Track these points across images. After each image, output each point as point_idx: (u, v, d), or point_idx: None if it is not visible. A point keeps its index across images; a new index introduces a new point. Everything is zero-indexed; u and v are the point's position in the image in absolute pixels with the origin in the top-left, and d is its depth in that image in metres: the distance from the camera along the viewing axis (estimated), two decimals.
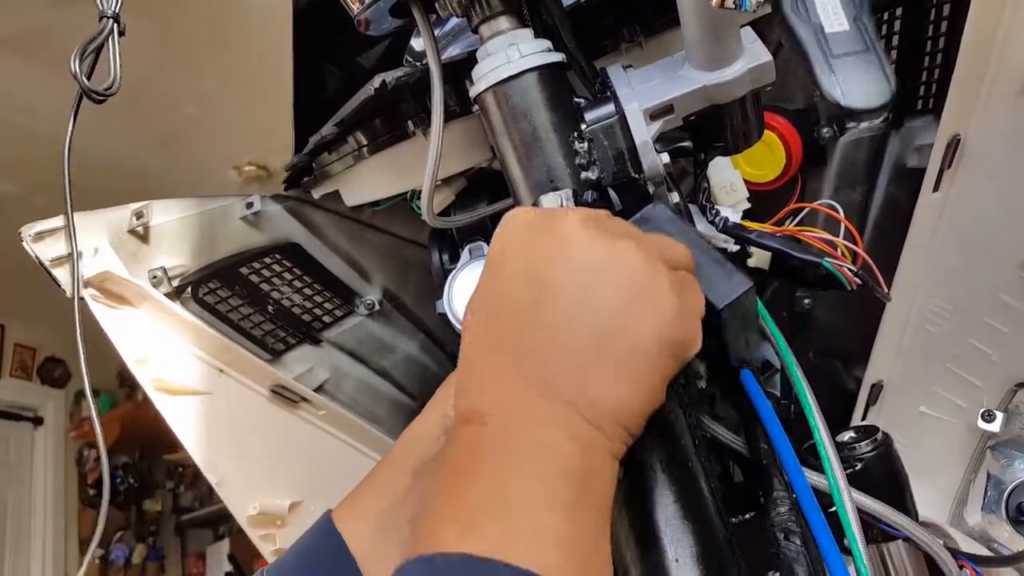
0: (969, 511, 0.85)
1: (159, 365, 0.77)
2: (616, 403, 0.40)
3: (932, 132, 0.73)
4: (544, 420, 0.39)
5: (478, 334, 0.45)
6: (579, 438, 0.39)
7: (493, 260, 0.46)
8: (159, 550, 3.95)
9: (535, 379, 0.40)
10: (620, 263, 0.42)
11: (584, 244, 0.42)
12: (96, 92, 0.61)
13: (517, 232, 0.45)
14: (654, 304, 0.41)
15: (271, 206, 0.87)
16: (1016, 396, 0.79)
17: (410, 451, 0.60)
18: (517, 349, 0.42)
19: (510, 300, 0.43)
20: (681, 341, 0.42)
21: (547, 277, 0.42)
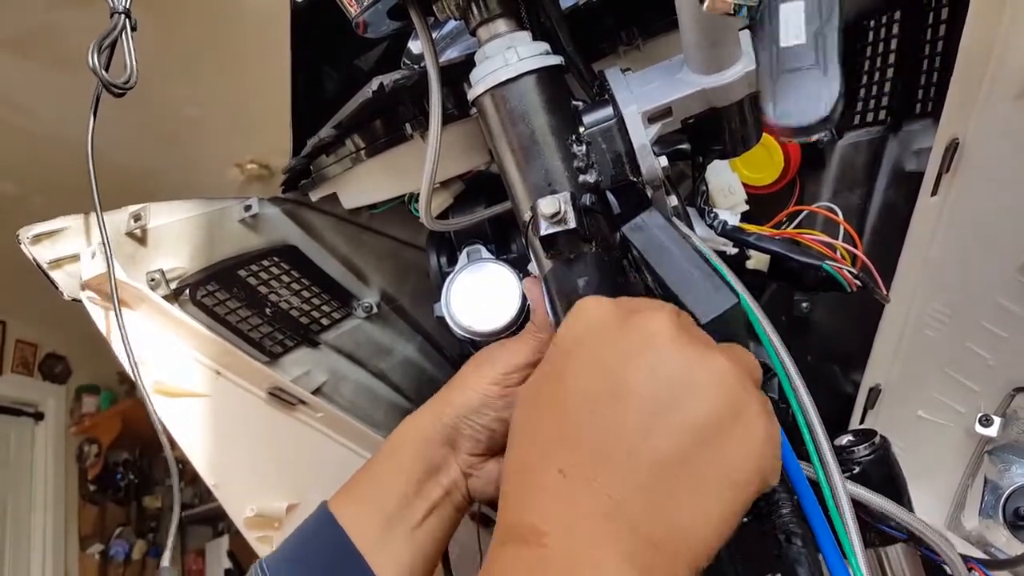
0: (966, 515, 0.85)
1: (157, 367, 0.77)
2: (690, 531, 0.36)
3: (930, 136, 0.73)
4: (609, 547, 0.35)
5: (536, 429, 0.40)
6: (644, 567, 0.35)
7: (562, 347, 0.42)
8: (159, 546, 3.95)
9: (603, 495, 0.36)
10: (715, 376, 0.38)
11: (674, 347, 0.38)
12: (115, 85, 0.62)
13: (593, 321, 0.41)
14: (747, 428, 0.37)
15: (269, 209, 0.87)
16: (1014, 401, 0.79)
17: (412, 454, 0.60)
18: (586, 454, 0.37)
19: (581, 397, 0.38)
20: (768, 470, 0.39)
21: (628, 376, 0.38)
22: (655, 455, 0.36)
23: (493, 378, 0.59)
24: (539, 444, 0.39)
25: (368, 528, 0.57)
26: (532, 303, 0.62)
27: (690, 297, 0.45)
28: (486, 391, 0.59)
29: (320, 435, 0.91)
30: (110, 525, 3.85)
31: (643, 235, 0.50)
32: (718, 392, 0.37)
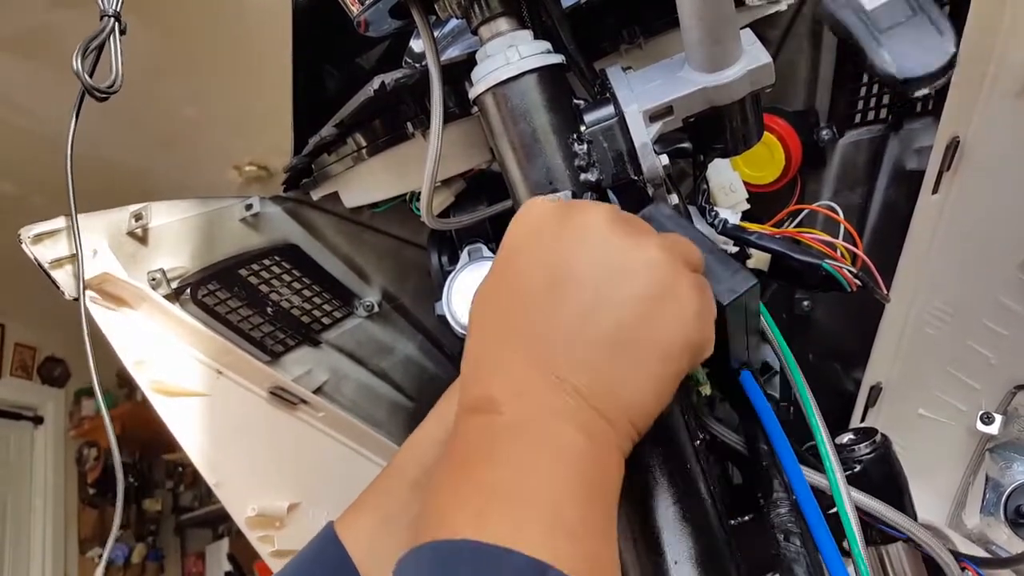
0: (968, 513, 0.85)
1: (158, 367, 0.77)
2: (630, 400, 0.40)
3: (931, 134, 0.73)
4: (558, 412, 0.39)
5: (489, 321, 0.44)
6: (591, 432, 0.38)
7: (507, 248, 0.45)
8: (159, 550, 3.95)
9: (550, 370, 0.39)
10: (644, 259, 0.41)
11: (607, 236, 0.42)
12: (98, 90, 0.61)
13: (535, 220, 0.44)
14: (677, 304, 0.41)
15: (270, 208, 0.87)
16: (1015, 399, 0.79)
17: (410, 459, 0.60)
18: (532, 338, 0.41)
19: (525, 288, 0.42)
20: (699, 342, 0.42)
21: (566, 266, 0.41)
22: (595, 334, 0.40)
23: None
24: (491, 335, 0.43)
25: (363, 536, 0.57)
26: None
27: (709, 280, 0.45)
28: None
29: (321, 434, 0.91)
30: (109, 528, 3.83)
31: (652, 225, 0.50)
32: (650, 273, 0.41)
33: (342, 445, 0.93)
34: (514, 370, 0.40)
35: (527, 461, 0.37)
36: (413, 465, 0.60)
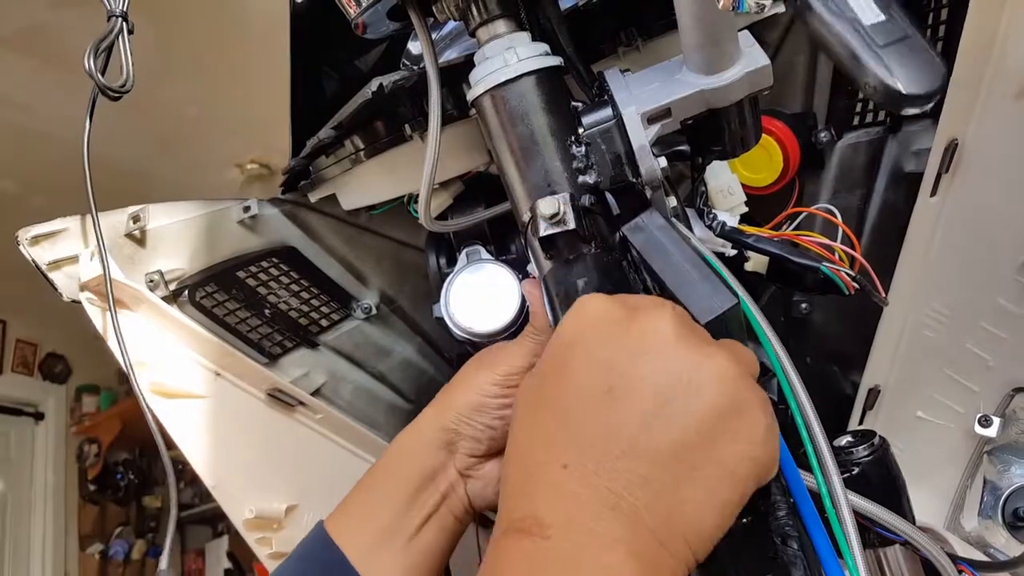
0: (966, 516, 0.85)
1: (156, 368, 0.77)
2: (690, 523, 0.37)
3: (930, 136, 0.73)
4: (614, 539, 0.35)
5: (538, 425, 0.40)
6: (646, 558, 0.35)
7: (563, 344, 0.42)
8: (158, 546, 3.95)
9: (604, 488, 0.36)
10: (713, 372, 0.38)
11: (675, 344, 0.39)
12: (111, 89, 0.61)
13: (595, 318, 0.41)
14: (747, 423, 0.38)
15: (268, 210, 0.87)
16: (1013, 401, 0.79)
17: (407, 461, 0.60)
18: (587, 448, 0.37)
19: (583, 393, 0.39)
20: (766, 463, 0.39)
21: (630, 372, 0.38)
22: (656, 449, 0.37)
23: (493, 379, 0.59)
24: (541, 439, 0.40)
25: (362, 542, 0.56)
26: (531, 305, 0.62)
27: (689, 298, 0.45)
28: (486, 392, 0.59)
29: (319, 436, 0.91)
30: (110, 525, 3.85)
31: (642, 235, 0.50)
32: (719, 388, 0.38)
33: (340, 447, 0.93)
34: (565, 485, 0.37)
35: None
36: (409, 471, 0.59)
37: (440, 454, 0.60)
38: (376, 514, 0.57)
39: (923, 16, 0.73)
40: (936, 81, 0.39)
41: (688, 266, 0.47)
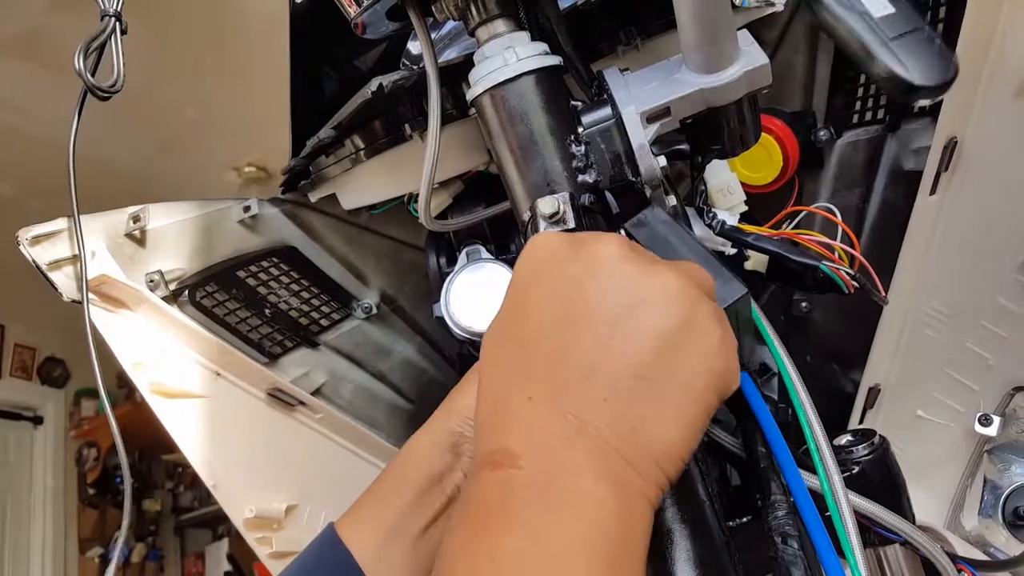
0: (966, 515, 0.85)
1: (156, 368, 0.77)
2: (656, 440, 0.37)
3: (929, 135, 0.73)
4: (582, 464, 0.36)
5: (502, 362, 0.41)
6: (616, 481, 0.36)
7: (518, 283, 0.43)
8: (158, 550, 3.95)
9: (571, 414, 0.37)
10: (660, 289, 0.39)
11: (620, 267, 0.40)
12: (101, 89, 0.61)
13: (544, 254, 0.42)
14: (699, 334, 0.39)
15: (268, 210, 0.87)
16: (1013, 400, 0.79)
17: (415, 463, 0.60)
18: (548, 378, 0.38)
19: (539, 325, 0.40)
20: (724, 374, 0.39)
21: (580, 300, 0.39)
22: (613, 371, 0.37)
23: None
24: (505, 375, 0.40)
25: (369, 542, 0.56)
26: None
27: None
28: None
29: (320, 436, 0.91)
30: (110, 528, 3.84)
31: (646, 231, 0.50)
32: (668, 304, 0.39)
33: (340, 447, 0.92)
34: (531, 416, 0.38)
35: (551, 524, 0.34)
36: (417, 472, 0.59)
37: (447, 457, 0.60)
38: (383, 515, 0.58)
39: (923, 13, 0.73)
40: (948, 72, 0.39)
41: (695, 258, 0.47)
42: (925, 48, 0.38)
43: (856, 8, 0.40)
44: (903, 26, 0.39)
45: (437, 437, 0.60)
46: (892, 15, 0.40)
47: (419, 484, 0.58)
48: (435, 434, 0.60)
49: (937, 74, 0.38)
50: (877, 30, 0.39)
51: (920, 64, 0.38)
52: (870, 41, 0.39)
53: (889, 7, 0.40)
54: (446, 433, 0.59)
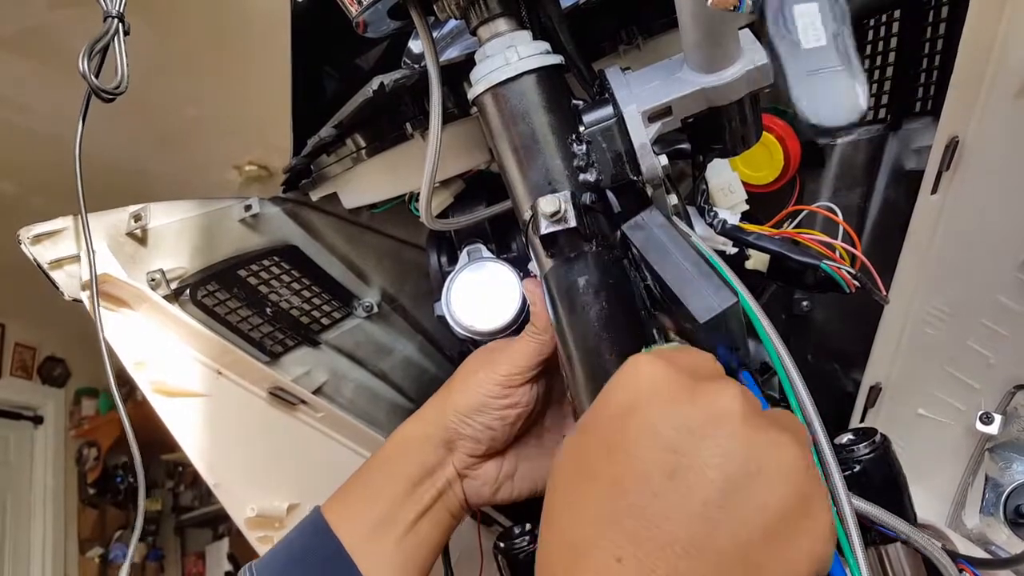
0: (967, 513, 0.85)
1: (157, 367, 0.77)
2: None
3: (930, 134, 0.73)
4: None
5: (590, 503, 0.36)
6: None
7: (614, 414, 0.38)
8: (159, 549, 3.96)
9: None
10: (780, 460, 0.35)
11: (741, 427, 0.35)
12: (105, 91, 0.61)
13: (652, 387, 0.37)
14: (814, 521, 0.35)
15: (269, 208, 0.87)
16: (1015, 398, 0.79)
17: (408, 455, 0.60)
18: (644, 542, 0.34)
19: (638, 473, 0.35)
20: (826, 561, 0.36)
21: (692, 455, 0.35)
22: (721, 547, 0.33)
23: (495, 379, 0.60)
24: (590, 519, 0.36)
25: (358, 531, 0.57)
26: (533, 304, 0.62)
27: (689, 296, 0.45)
28: (488, 392, 0.60)
29: (321, 435, 0.91)
30: (110, 528, 3.85)
31: (642, 234, 0.50)
32: (786, 481, 0.35)
33: (341, 445, 0.93)
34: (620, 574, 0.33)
35: None
36: (408, 464, 0.60)
37: (439, 451, 0.61)
38: (373, 505, 0.58)
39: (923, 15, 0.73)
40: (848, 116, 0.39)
41: (688, 264, 0.47)
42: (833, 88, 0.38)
43: (789, 36, 0.40)
44: (825, 62, 0.39)
45: (429, 431, 0.61)
46: (820, 48, 0.40)
47: (410, 478, 0.59)
48: (427, 427, 0.61)
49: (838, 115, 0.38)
50: (800, 62, 0.40)
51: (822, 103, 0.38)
52: (789, 71, 0.40)
53: (822, 40, 0.40)
54: (439, 428, 0.61)
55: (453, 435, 0.61)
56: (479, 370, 0.61)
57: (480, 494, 0.63)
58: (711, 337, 0.47)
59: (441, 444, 0.60)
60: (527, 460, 0.65)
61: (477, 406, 0.60)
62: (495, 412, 0.60)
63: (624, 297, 0.51)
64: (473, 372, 0.62)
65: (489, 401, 0.60)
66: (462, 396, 0.61)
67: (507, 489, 0.64)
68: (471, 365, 0.63)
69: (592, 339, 0.49)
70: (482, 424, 0.60)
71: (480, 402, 0.60)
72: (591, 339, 0.49)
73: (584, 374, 0.51)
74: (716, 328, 0.45)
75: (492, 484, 0.63)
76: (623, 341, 0.49)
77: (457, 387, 0.62)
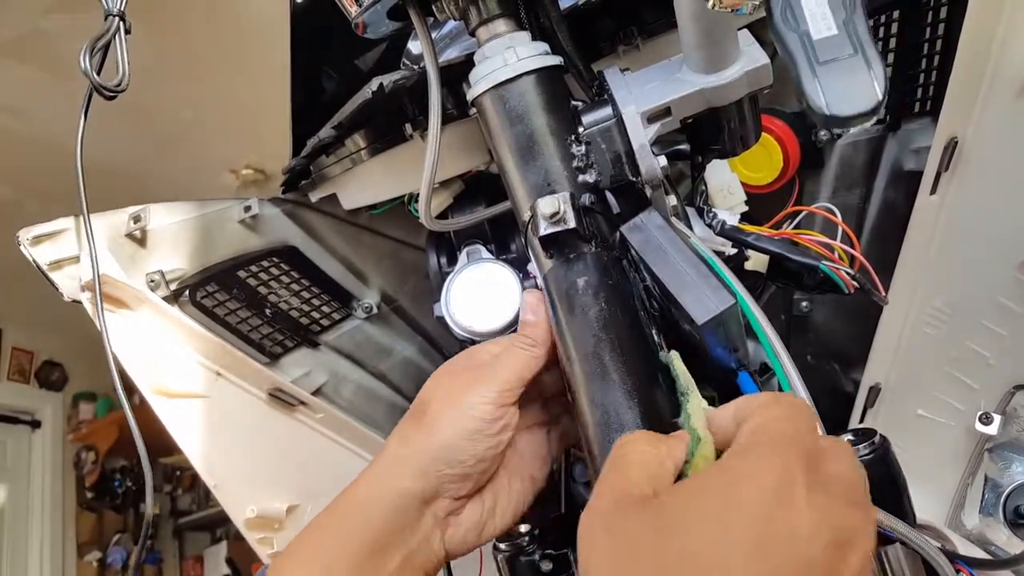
0: (967, 514, 0.85)
1: (157, 369, 0.77)
2: None
3: (929, 135, 0.73)
4: None
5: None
6: None
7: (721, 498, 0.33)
8: (156, 553, 3.95)
9: None
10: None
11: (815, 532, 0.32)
12: (107, 88, 0.61)
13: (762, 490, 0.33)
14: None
15: (269, 209, 0.87)
16: (1014, 399, 0.79)
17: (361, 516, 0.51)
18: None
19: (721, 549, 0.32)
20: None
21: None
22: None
23: (488, 398, 0.51)
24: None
25: None
26: (533, 316, 0.55)
27: (687, 297, 0.46)
28: (482, 414, 0.51)
29: (320, 436, 0.91)
30: (108, 532, 3.84)
31: (641, 235, 0.50)
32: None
33: (341, 447, 0.92)
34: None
35: None
36: (365, 521, 0.50)
37: (412, 503, 0.51)
38: (332, 567, 0.49)
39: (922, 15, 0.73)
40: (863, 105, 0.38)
41: (686, 266, 0.47)
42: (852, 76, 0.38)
43: (797, 28, 0.40)
44: (838, 51, 0.39)
45: (399, 481, 0.51)
46: (832, 37, 0.39)
47: (372, 541, 0.50)
48: (396, 475, 0.51)
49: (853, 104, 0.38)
50: (809, 52, 0.39)
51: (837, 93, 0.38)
52: (800, 63, 0.39)
53: (833, 29, 0.40)
54: (414, 473, 0.51)
55: (435, 479, 0.51)
56: (464, 392, 0.52)
57: (465, 542, 0.54)
58: (709, 338, 0.47)
59: (415, 495, 0.51)
60: (501, 490, 0.56)
61: (470, 433, 0.51)
62: (490, 439, 0.51)
63: (624, 298, 0.51)
64: (457, 395, 0.52)
65: (484, 426, 0.51)
66: (448, 425, 0.51)
67: (490, 528, 0.55)
68: (448, 388, 0.54)
69: (592, 340, 0.49)
70: (474, 456, 0.51)
71: (474, 427, 0.51)
72: (591, 340, 0.49)
73: (584, 374, 0.50)
74: (714, 329, 0.46)
75: (477, 527, 0.54)
76: (623, 342, 0.49)
77: (438, 416, 0.52)
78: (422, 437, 0.52)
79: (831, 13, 0.40)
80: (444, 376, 0.55)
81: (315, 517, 0.52)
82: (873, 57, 0.39)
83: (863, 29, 0.40)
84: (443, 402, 0.53)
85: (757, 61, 0.51)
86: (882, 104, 0.39)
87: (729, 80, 0.50)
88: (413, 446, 0.52)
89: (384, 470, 0.52)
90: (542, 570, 0.60)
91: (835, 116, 0.39)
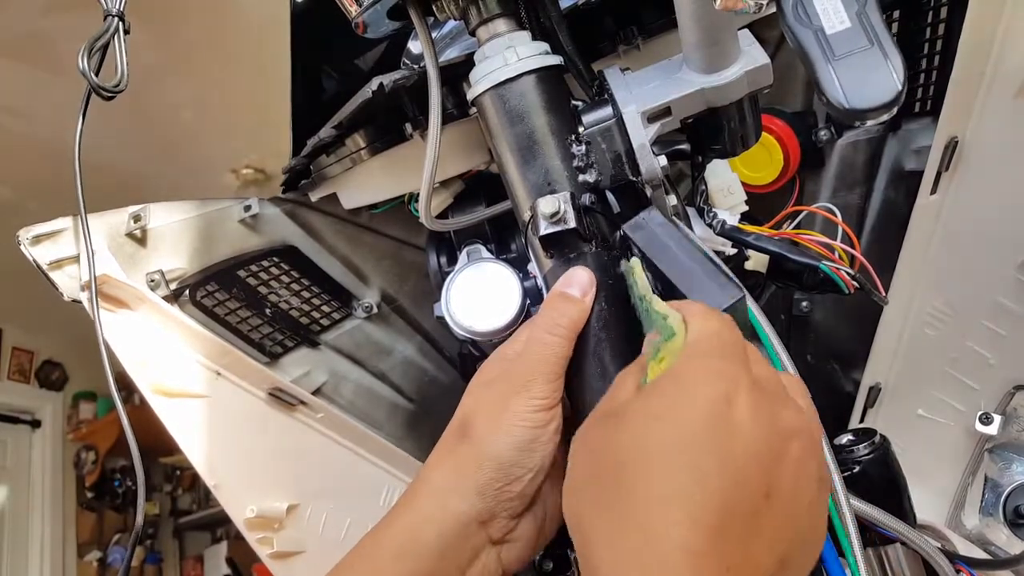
0: (967, 514, 0.85)
1: (157, 368, 0.77)
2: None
3: (930, 134, 0.73)
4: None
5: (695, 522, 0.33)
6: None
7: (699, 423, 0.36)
8: (157, 553, 3.95)
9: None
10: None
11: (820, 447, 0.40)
12: (105, 89, 0.61)
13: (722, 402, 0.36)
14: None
15: (269, 209, 0.87)
16: (1014, 399, 0.79)
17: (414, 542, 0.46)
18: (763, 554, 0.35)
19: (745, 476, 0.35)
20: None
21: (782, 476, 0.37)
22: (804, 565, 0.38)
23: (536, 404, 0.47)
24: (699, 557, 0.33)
25: None
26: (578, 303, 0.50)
27: (695, 293, 0.45)
28: (535, 422, 0.46)
29: (320, 436, 0.91)
30: (108, 532, 3.85)
31: (644, 233, 0.50)
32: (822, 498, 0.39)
33: (341, 446, 0.92)
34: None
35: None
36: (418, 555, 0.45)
37: (469, 528, 0.46)
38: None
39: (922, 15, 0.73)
40: (884, 96, 0.38)
41: (691, 262, 0.47)
42: (870, 68, 0.38)
43: (811, 24, 0.40)
44: (853, 44, 0.39)
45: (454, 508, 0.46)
46: (846, 31, 0.39)
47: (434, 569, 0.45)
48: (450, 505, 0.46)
49: (873, 96, 0.37)
50: (825, 47, 0.39)
51: (856, 86, 0.38)
52: (816, 59, 0.39)
53: (846, 22, 0.40)
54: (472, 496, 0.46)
55: (493, 500, 0.46)
56: (508, 402, 0.47)
57: (520, 559, 0.49)
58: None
59: (472, 519, 0.46)
60: (547, 497, 0.50)
61: (525, 444, 0.46)
62: (546, 446, 0.47)
63: (623, 297, 0.51)
64: (501, 407, 0.47)
65: (538, 433, 0.46)
66: (499, 439, 0.46)
67: (542, 540, 0.51)
68: (490, 400, 0.48)
69: (592, 340, 0.49)
70: (532, 468, 0.46)
71: (530, 437, 0.46)
72: (591, 340, 0.49)
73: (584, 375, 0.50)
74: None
75: (531, 542, 0.49)
76: (622, 342, 0.49)
77: (488, 432, 0.47)
78: (472, 456, 0.47)
79: (843, 6, 0.40)
80: (481, 389, 0.50)
81: (357, 546, 0.48)
82: (890, 48, 0.39)
83: (877, 19, 0.40)
84: (489, 416, 0.48)
85: (757, 61, 0.51)
86: (902, 94, 0.39)
87: (729, 80, 0.50)
88: (463, 468, 0.47)
89: (434, 495, 0.47)
90: (544, 569, 0.60)
91: (855, 109, 0.39)
